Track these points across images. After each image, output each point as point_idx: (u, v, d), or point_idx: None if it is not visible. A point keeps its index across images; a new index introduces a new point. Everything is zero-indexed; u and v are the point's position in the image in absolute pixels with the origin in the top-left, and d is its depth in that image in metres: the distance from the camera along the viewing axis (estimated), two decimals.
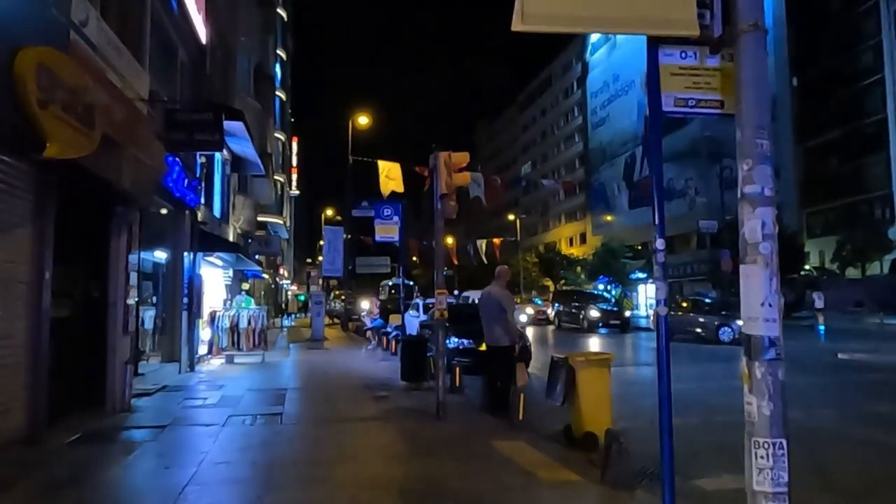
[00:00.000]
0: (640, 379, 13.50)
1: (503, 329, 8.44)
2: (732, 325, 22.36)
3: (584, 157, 77.90)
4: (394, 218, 15.59)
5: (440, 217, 8.73)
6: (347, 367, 15.52)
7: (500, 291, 8.62)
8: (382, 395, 10.80)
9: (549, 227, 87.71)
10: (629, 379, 13.26)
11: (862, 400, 10.42)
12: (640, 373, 14.84)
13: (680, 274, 56.77)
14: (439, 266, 8.85)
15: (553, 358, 7.49)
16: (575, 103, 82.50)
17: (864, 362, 15.83)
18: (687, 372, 13.67)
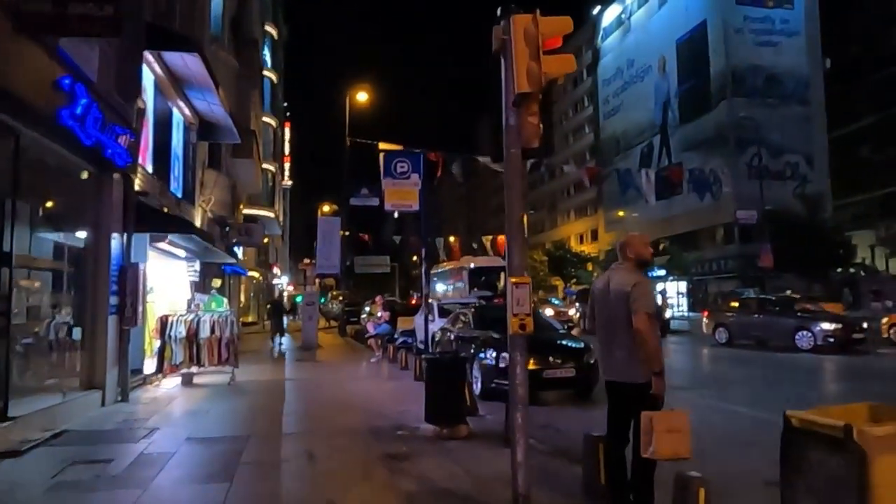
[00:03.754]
0: None
1: (632, 351, 4.33)
2: (813, 329, 18.25)
3: (596, 149, 73.76)
4: (411, 176, 11.13)
5: (515, 141, 4.63)
6: (345, 393, 11.38)
7: (630, 279, 4.46)
8: (399, 452, 6.68)
9: (558, 224, 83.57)
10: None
11: None
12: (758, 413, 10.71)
13: (705, 271, 52.70)
14: (515, 236, 4.71)
15: (791, 421, 3.40)
16: (585, 92, 78.39)
17: None
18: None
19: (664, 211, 54.26)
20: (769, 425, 8.44)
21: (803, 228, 38.89)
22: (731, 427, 8.28)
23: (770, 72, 52.48)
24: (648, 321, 4.26)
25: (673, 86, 59.14)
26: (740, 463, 6.33)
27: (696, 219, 53.71)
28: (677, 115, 58.41)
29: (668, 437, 4.11)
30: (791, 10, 54.36)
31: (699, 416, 8.66)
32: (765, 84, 52.38)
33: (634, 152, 63.83)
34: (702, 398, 10.31)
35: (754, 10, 53.51)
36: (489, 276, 25.70)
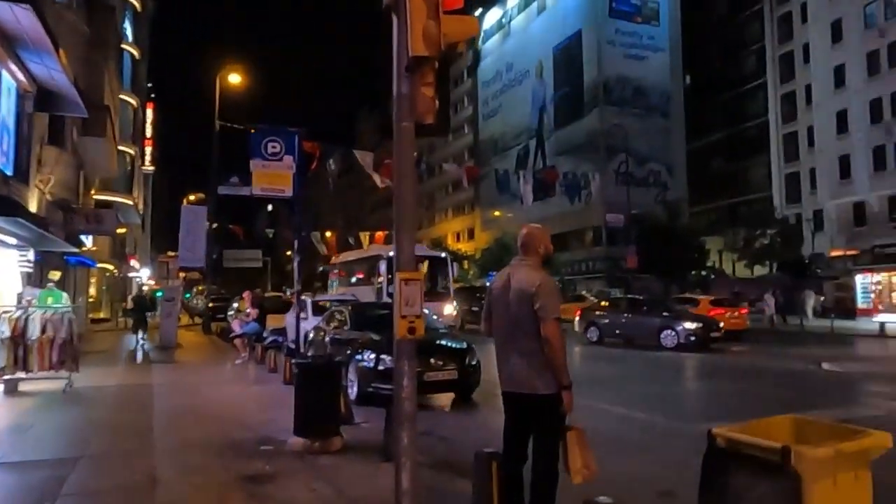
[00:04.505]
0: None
1: (535, 359, 3.82)
2: (677, 328, 19.15)
3: (475, 149, 74.85)
4: (285, 158, 9.92)
5: (407, 114, 3.96)
6: (203, 399, 10.19)
7: (534, 278, 3.94)
8: (261, 472, 5.81)
9: (436, 222, 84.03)
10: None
11: None
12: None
13: (574, 271, 54.92)
14: (405, 225, 4.04)
15: (716, 441, 2.99)
16: (465, 93, 79.32)
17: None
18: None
19: (538, 212, 55.67)
20: (648, 427, 8.45)
21: (664, 233, 41.42)
22: (613, 430, 8.12)
23: (637, 84, 55.65)
24: (558, 327, 3.76)
25: (549, 91, 61.15)
26: (629, 471, 6.06)
27: (567, 221, 55.82)
28: (552, 120, 60.46)
29: (589, 455, 3.66)
30: (657, 27, 57.93)
31: (580, 419, 8.50)
32: (633, 95, 55.46)
33: (511, 154, 65.37)
34: (580, 399, 10.22)
35: (625, 24, 56.50)
36: (429, 265, 22.69)
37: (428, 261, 22.06)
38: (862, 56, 43.48)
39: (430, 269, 21.79)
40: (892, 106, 41.69)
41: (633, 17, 57.05)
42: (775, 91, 54.39)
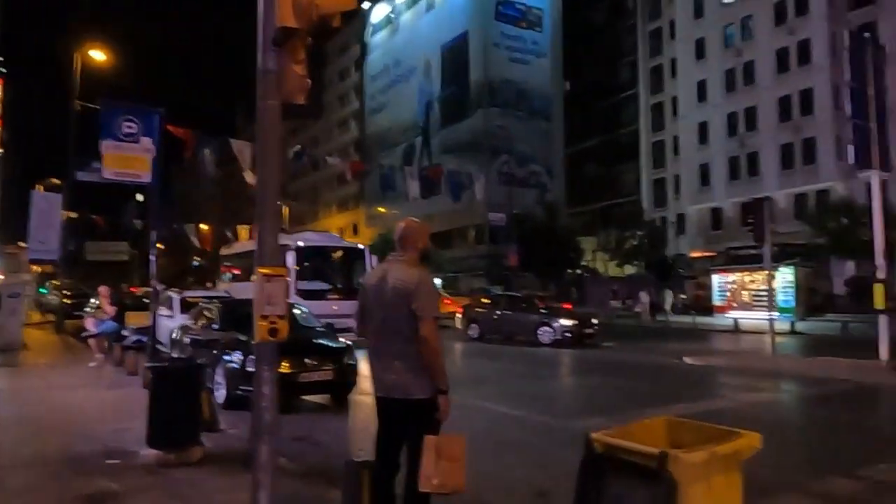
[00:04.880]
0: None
1: (412, 362, 3.58)
2: (553, 325, 19.74)
3: (361, 144, 73.95)
4: (141, 140, 8.87)
5: (273, 91, 3.57)
6: (46, 407, 9.10)
7: (411, 275, 3.69)
8: (105, 490, 5.16)
9: (320, 217, 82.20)
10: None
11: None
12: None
13: (458, 269, 55.62)
14: (268, 214, 3.64)
15: (594, 447, 2.87)
16: (352, 86, 78.16)
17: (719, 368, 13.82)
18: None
19: (423, 209, 55.93)
20: (525, 424, 8.49)
21: (543, 232, 42.89)
22: (490, 428, 8.08)
23: (521, 87, 57.27)
24: (436, 327, 3.53)
25: (436, 89, 61.56)
26: (505, 470, 5.98)
27: (451, 219, 56.37)
28: (439, 118, 60.92)
29: (449, 466, 3.42)
30: (540, 33, 59.89)
31: (460, 417, 8.42)
32: (516, 98, 57.01)
33: (398, 150, 65.16)
34: (459, 398, 10.16)
35: (510, 28, 57.94)
36: (327, 261, 19.37)
37: (342, 252, 19.96)
38: (721, 73, 47.18)
39: (344, 262, 19.61)
40: (745, 120, 45.55)
41: (517, 22, 58.62)
42: (646, 101, 57.90)
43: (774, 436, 8.23)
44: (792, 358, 15.98)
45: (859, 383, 11.42)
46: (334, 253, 19.83)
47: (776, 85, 43.15)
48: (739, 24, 46.29)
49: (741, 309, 30.57)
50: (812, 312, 29.72)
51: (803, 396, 10.73)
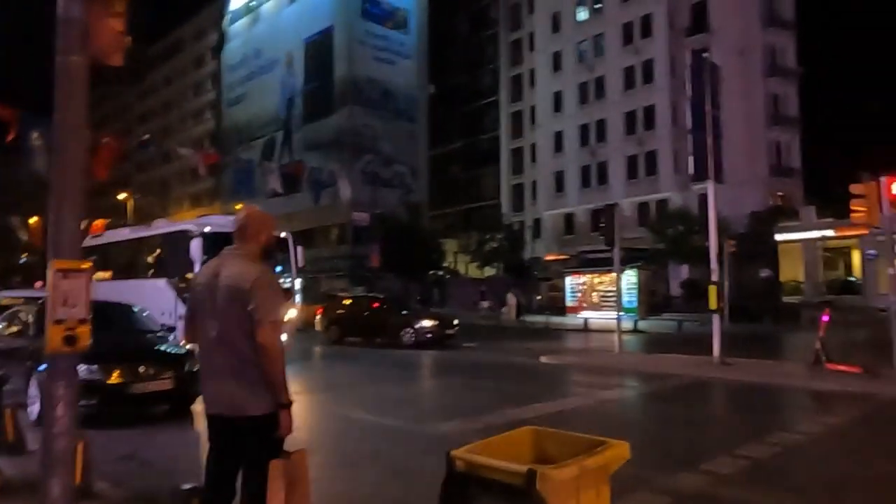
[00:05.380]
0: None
1: (248, 373, 3.10)
2: (415, 326, 19.59)
3: (217, 136, 70.04)
4: None
5: (78, 45, 2.93)
6: None
7: (250, 272, 3.19)
8: None
9: (170, 213, 76.76)
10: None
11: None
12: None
13: (319, 269, 54.15)
14: (67, 195, 2.98)
15: (455, 465, 2.56)
16: (209, 75, 73.87)
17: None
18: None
19: (282, 207, 54.01)
20: (384, 431, 8.13)
21: (406, 233, 42.88)
22: (346, 437, 7.65)
23: (386, 87, 57.01)
24: (276, 333, 3.06)
25: (299, 83, 59.70)
26: (360, 485, 5.59)
27: (313, 217, 54.90)
28: (301, 114, 59.13)
29: (292, 489, 2.97)
30: (407, 35, 59.99)
31: (314, 426, 7.91)
32: (381, 97, 56.66)
33: (257, 145, 62.45)
34: (316, 404, 9.62)
35: (376, 27, 57.50)
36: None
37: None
38: (575, 86, 49.85)
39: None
40: (596, 132, 48.45)
41: (384, 22, 58.31)
42: (506, 109, 59.90)
43: (623, 433, 8.50)
44: (636, 355, 16.95)
45: (696, 378, 12.24)
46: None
47: (623, 100, 46.26)
48: (592, 42, 49.15)
49: (591, 309, 32.33)
50: (652, 312, 32.08)
51: (648, 392, 11.29)
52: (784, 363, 14.32)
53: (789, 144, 44.23)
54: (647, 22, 45.00)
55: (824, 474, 6.10)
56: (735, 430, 8.10)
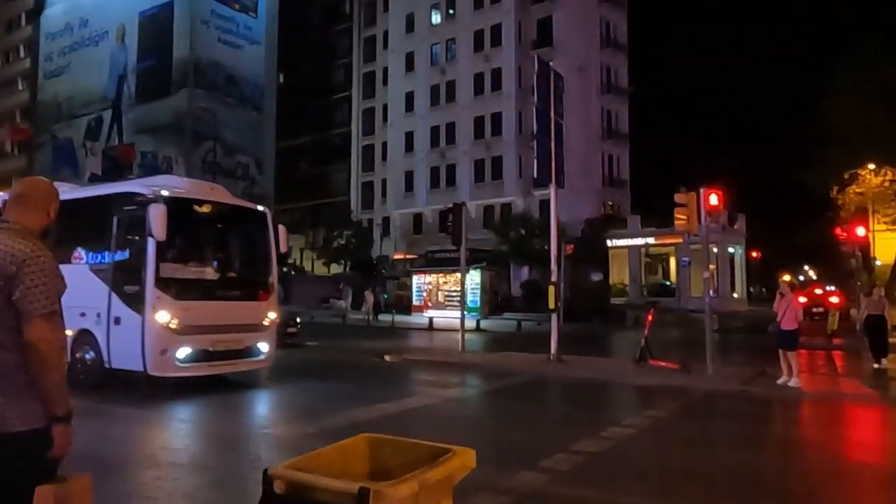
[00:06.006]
0: None
1: (18, 378, 2.45)
2: None
3: (31, 110, 62.35)
4: None
5: None
6: None
7: (21, 249, 2.52)
8: None
9: None
10: None
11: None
12: None
13: None
14: None
15: (273, 485, 2.13)
16: (23, 41, 65.58)
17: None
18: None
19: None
20: (210, 436, 7.39)
21: None
22: (165, 447, 6.82)
23: (231, 72, 53.92)
24: (53, 327, 2.44)
25: (132, 60, 54.79)
26: (180, 500, 4.91)
27: None
28: (133, 93, 54.30)
29: None
30: (255, 19, 57.17)
31: (114, 440, 6.94)
32: (225, 83, 53.49)
33: (80, 123, 56.46)
34: (107, 424, 8.59)
35: (222, 7, 54.21)
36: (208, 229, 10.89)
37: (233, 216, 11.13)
38: (427, 88, 50.37)
39: (236, 234, 11.33)
40: (446, 134, 49.27)
41: (231, 3, 55.11)
42: (358, 105, 59.21)
43: (464, 433, 8.41)
44: (478, 354, 17.23)
45: (534, 375, 12.61)
46: (221, 215, 10.95)
47: (473, 105, 47.47)
48: (445, 45, 49.95)
49: (436, 308, 32.70)
50: (494, 312, 33.13)
51: (489, 390, 11.41)
52: (613, 360, 15.24)
53: (620, 158, 47.87)
54: (497, 31, 46.53)
55: (653, 466, 6.36)
56: (571, 425, 8.32)
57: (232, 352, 10.00)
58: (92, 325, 9.70)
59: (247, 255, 11.37)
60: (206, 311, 9.62)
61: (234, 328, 9.93)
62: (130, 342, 9.21)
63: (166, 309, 9.21)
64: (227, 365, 10.09)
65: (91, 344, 9.73)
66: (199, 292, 9.81)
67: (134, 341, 9.15)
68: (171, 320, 9.19)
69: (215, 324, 9.65)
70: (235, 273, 10.97)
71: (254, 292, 10.63)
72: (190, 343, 9.38)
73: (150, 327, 9.11)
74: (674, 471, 6.14)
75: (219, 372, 10.08)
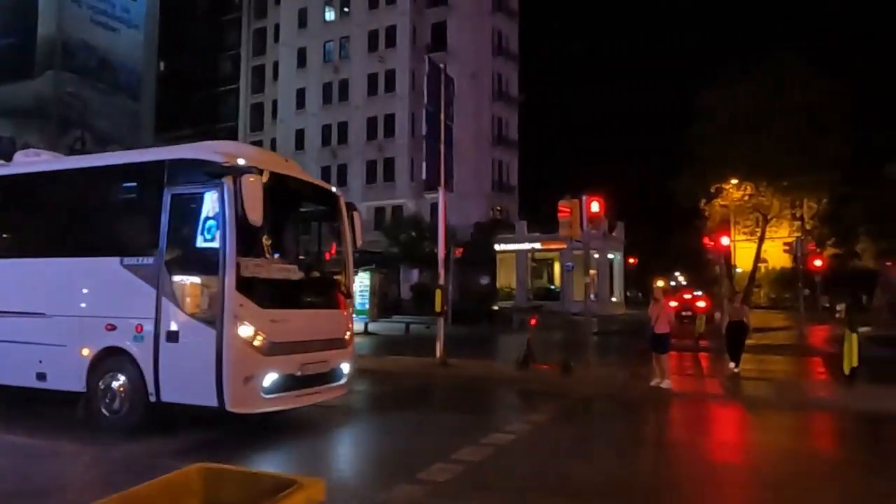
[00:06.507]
0: None
1: None
2: None
3: None
4: None
5: None
6: None
7: None
8: None
9: None
10: None
11: None
12: None
13: None
14: None
15: None
16: None
17: None
18: None
19: None
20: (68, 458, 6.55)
21: None
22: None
23: (105, 56, 50.09)
24: None
25: None
26: None
27: None
28: None
29: None
30: (134, 1, 53.54)
31: None
32: (98, 67, 49.62)
33: None
34: None
35: None
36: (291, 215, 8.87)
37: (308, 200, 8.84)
38: (320, 85, 49.26)
39: (311, 224, 9.35)
40: (338, 133, 48.37)
41: None
42: (246, 100, 56.96)
43: (344, 443, 8.07)
44: (365, 357, 16.84)
45: (420, 379, 12.45)
46: (304, 197, 8.76)
47: (366, 105, 46.92)
48: (338, 43, 49.06)
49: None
50: (382, 314, 32.75)
51: (373, 395, 11.10)
52: (498, 364, 15.38)
53: (509, 164, 49.03)
54: (392, 33, 46.28)
55: (531, 473, 6.32)
56: (453, 432, 8.18)
57: (318, 376, 7.59)
58: (127, 341, 7.11)
59: (325, 249, 9.05)
60: (293, 322, 7.33)
61: (320, 345, 7.61)
62: (196, 366, 6.74)
63: (251, 320, 6.76)
64: (313, 394, 7.62)
65: (125, 368, 7.12)
66: (284, 297, 7.41)
67: (202, 365, 6.64)
68: (255, 335, 6.77)
69: (303, 339, 7.35)
70: (319, 272, 8.44)
71: (336, 297, 8.25)
72: (276, 366, 6.96)
73: (232, 345, 6.62)
74: (550, 479, 6.12)
75: (305, 404, 7.70)
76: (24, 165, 9.41)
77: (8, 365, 7.98)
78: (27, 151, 10.11)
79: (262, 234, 7.17)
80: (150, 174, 7.71)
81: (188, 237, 7.19)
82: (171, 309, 6.95)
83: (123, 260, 7.38)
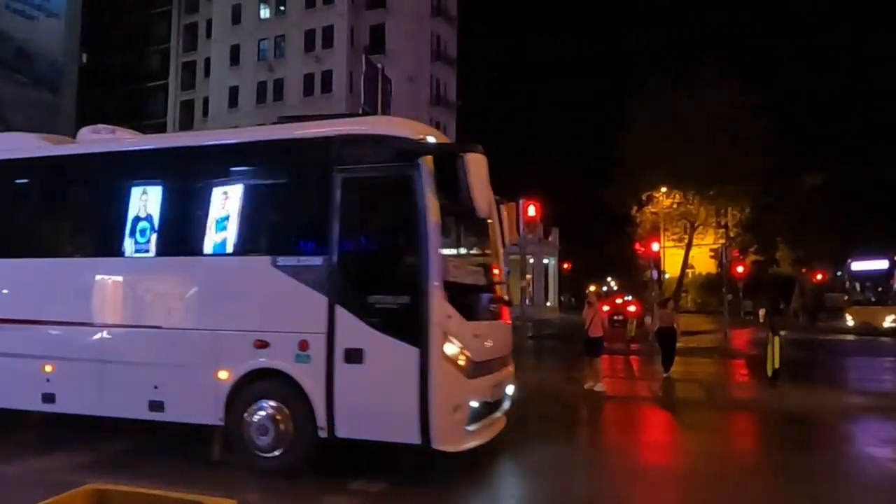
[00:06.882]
0: None
1: None
2: None
3: None
4: None
5: None
6: None
7: None
8: None
9: None
10: None
11: None
12: None
13: None
14: None
15: None
16: None
17: None
18: None
19: None
20: None
21: None
22: None
23: (21, 45, 47.34)
24: None
25: None
26: None
27: None
28: None
29: None
30: None
31: None
32: (14, 57, 46.83)
33: None
34: None
35: None
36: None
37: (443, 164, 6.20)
38: (253, 84, 48.06)
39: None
40: None
41: None
42: (176, 96, 54.97)
43: None
44: None
45: None
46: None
47: (302, 106, 45.96)
48: (273, 42, 48.04)
49: None
50: None
51: None
52: None
53: None
54: (329, 33, 45.64)
55: (465, 484, 6.16)
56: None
57: (497, 403, 6.45)
58: (286, 362, 5.76)
59: (486, 246, 7.30)
60: (487, 337, 6.17)
61: (500, 363, 6.49)
62: (389, 393, 5.54)
63: (457, 335, 5.53)
64: (494, 424, 6.36)
65: (283, 395, 5.76)
66: (479, 307, 6.30)
67: (399, 391, 5.46)
68: (460, 354, 5.53)
69: (491, 357, 6.21)
70: (495, 276, 7.08)
71: (502, 305, 6.97)
72: (477, 392, 5.81)
73: (439, 367, 5.37)
74: (497, 488, 5.98)
75: (491, 437, 6.18)
76: (126, 143, 7.51)
77: (109, 392, 6.37)
78: (96, 127, 7.90)
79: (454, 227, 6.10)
80: (311, 153, 6.26)
81: (371, 230, 6.04)
82: (352, 321, 5.59)
83: (277, 259, 5.91)
